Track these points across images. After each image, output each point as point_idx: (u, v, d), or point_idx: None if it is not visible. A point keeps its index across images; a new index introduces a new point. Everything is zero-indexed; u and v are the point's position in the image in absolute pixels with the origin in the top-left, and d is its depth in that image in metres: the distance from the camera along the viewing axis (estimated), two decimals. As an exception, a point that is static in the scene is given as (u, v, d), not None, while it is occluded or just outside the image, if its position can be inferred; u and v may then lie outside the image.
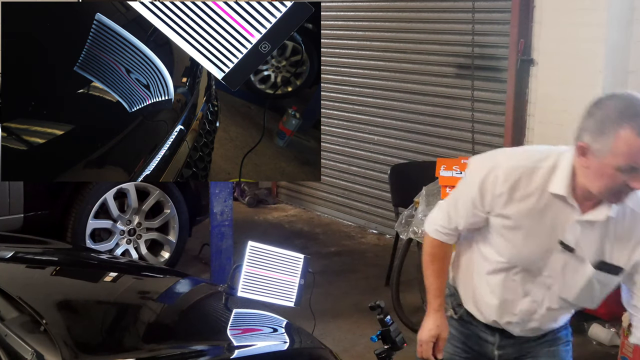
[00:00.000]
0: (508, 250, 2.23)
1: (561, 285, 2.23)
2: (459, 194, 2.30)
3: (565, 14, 4.70)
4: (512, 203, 2.14)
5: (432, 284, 2.41)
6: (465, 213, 2.26)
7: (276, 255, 2.68)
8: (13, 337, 2.16)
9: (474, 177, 2.20)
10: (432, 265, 2.41)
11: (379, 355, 2.60)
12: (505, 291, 2.30)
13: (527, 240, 2.18)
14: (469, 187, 2.23)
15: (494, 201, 2.16)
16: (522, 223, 2.16)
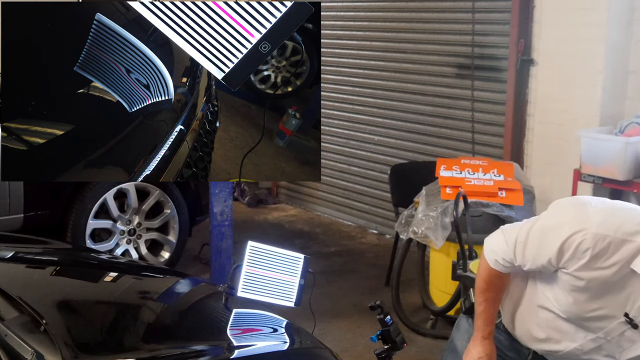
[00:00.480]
0: (569, 305, 2.14)
1: (614, 348, 2.16)
2: (531, 236, 2.17)
3: (565, 14, 4.70)
4: (590, 269, 2.04)
5: (484, 311, 2.34)
6: (534, 260, 2.16)
7: (276, 255, 2.68)
8: (13, 337, 2.16)
9: (558, 230, 2.07)
10: (487, 293, 2.33)
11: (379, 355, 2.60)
12: (553, 331, 2.25)
13: (592, 304, 2.10)
14: (547, 238, 2.11)
15: (571, 262, 2.05)
16: (593, 288, 2.06)
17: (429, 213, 4.26)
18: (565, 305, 2.15)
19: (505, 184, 4.40)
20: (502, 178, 4.46)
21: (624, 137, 4.33)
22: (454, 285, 4.08)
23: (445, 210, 4.22)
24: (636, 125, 4.39)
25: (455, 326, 2.66)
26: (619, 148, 4.26)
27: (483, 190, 4.34)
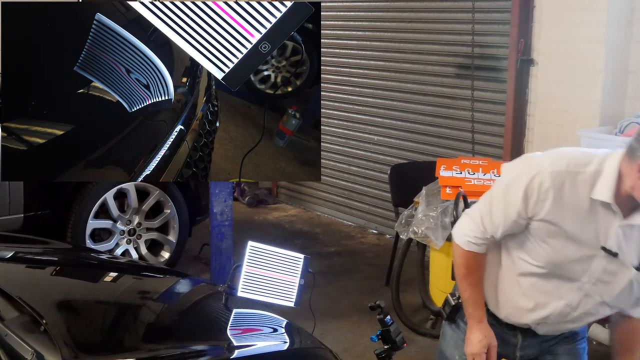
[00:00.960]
0: (548, 256, 2.20)
1: (600, 289, 2.21)
2: (494, 201, 2.24)
3: (565, 14, 4.70)
4: (556, 208, 2.12)
5: (471, 296, 2.36)
6: (504, 220, 2.21)
7: (276, 255, 2.68)
8: (13, 337, 2.16)
9: (516, 182, 2.15)
10: (469, 278, 2.35)
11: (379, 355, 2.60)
12: (539, 294, 2.28)
13: (569, 247, 2.16)
14: (509, 194, 2.18)
15: (537, 206, 2.13)
16: (565, 229, 2.14)
17: (429, 213, 4.26)
18: (545, 256, 2.20)
19: (505, 184, 4.39)
20: (502, 178, 4.46)
21: (624, 137, 4.33)
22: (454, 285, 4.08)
23: (445, 210, 4.22)
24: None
25: (441, 336, 2.62)
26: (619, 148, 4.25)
27: (483, 190, 4.28)
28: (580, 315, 2.29)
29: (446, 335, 2.57)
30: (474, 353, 2.34)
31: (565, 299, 2.26)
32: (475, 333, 2.35)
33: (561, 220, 2.13)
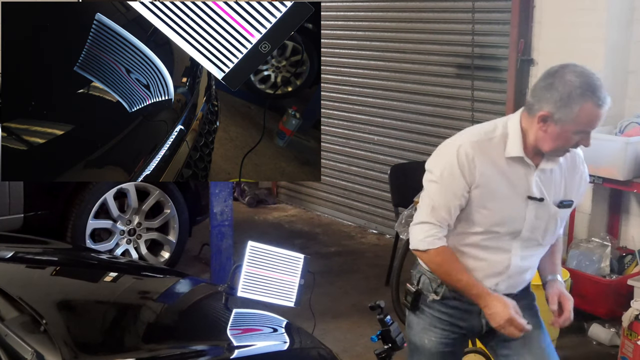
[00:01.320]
0: (489, 219, 2.43)
1: (536, 232, 2.48)
2: (437, 194, 2.44)
3: (565, 14, 4.70)
4: (485, 172, 2.38)
5: (462, 279, 2.46)
6: (452, 201, 2.41)
7: (276, 255, 2.68)
8: (13, 337, 2.16)
9: (449, 165, 2.39)
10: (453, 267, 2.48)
11: (379, 355, 2.60)
12: (490, 254, 2.49)
13: (504, 204, 2.42)
14: (448, 177, 2.40)
15: (472, 174, 2.38)
16: (497, 190, 2.40)
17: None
18: (485, 221, 2.44)
19: (505, 184, 4.39)
20: (502, 178, 4.46)
21: (624, 137, 4.33)
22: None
23: (445, 210, 4.21)
24: (636, 125, 4.39)
25: (407, 328, 2.66)
26: (619, 148, 4.26)
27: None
28: (525, 261, 2.53)
29: (412, 324, 2.63)
30: (508, 318, 2.40)
31: (512, 251, 2.49)
32: (494, 303, 2.43)
33: (492, 182, 2.39)
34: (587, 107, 2.30)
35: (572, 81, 2.30)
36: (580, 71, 2.31)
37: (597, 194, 4.68)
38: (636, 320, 3.81)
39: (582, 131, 2.38)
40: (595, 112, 2.32)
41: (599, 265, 4.41)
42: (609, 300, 4.31)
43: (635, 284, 4.15)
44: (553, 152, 2.41)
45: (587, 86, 2.29)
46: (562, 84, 2.30)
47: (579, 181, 2.56)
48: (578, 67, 2.33)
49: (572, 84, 2.29)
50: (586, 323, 4.42)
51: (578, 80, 2.29)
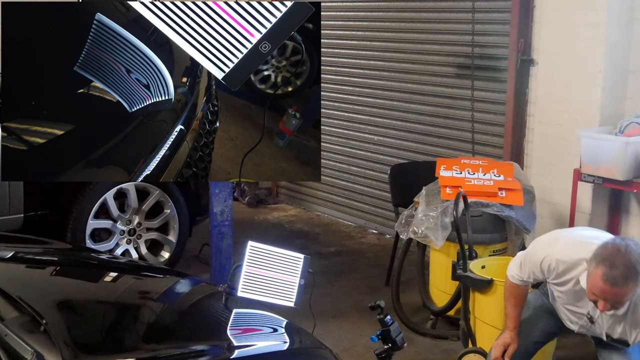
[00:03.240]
0: (559, 301, 3.11)
1: (597, 333, 3.07)
2: (526, 261, 3.10)
3: (565, 14, 4.70)
4: (557, 281, 2.99)
5: (510, 313, 3.21)
6: (528, 276, 3.11)
7: (276, 255, 2.68)
8: (13, 337, 2.16)
9: (537, 257, 3.03)
10: (511, 300, 3.20)
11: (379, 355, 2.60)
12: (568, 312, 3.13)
13: (570, 302, 3.04)
14: (532, 263, 3.05)
15: (547, 276, 3.03)
16: (566, 294, 3.01)
17: (429, 213, 4.25)
18: (558, 301, 3.13)
19: (505, 184, 4.40)
20: (502, 178, 4.46)
21: (624, 137, 4.33)
22: (454, 285, 4.08)
23: (445, 210, 4.22)
24: (636, 125, 4.39)
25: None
26: (619, 148, 4.26)
27: (483, 190, 4.33)
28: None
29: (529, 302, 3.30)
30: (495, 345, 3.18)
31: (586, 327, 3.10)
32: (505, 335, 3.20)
33: (563, 291, 3.00)
34: (595, 270, 2.68)
35: (600, 246, 2.72)
36: (612, 243, 2.72)
37: (597, 194, 4.68)
38: (636, 320, 3.81)
39: (593, 295, 2.73)
40: (597, 281, 2.67)
41: (599, 265, 4.40)
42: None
43: (635, 284, 4.14)
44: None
45: (602, 255, 2.68)
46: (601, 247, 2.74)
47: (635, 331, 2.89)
48: (618, 241, 2.72)
49: (598, 249, 2.72)
50: (586, 323, 4.42)
51: (600, 248, 2.70)
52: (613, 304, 2.71)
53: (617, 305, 2.73)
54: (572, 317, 3.12)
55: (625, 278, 2.62)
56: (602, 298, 2.69)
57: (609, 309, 2.73)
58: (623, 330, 2.91)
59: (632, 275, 2.63)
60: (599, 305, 2.72)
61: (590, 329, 3.07)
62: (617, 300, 2.70)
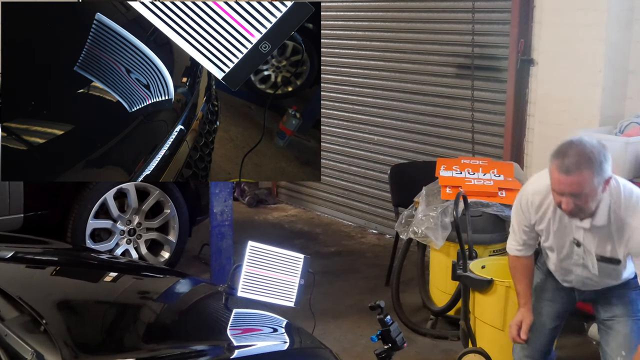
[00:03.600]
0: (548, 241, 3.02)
1: (587, 264, 2.96)
2: (513, 222, 3.12)
3: (565, 14, 4.70)
4: (539, 216, 2.95)
5: (518, 289, 3.16)
6: (520, 231, 3.07)
7: (276, 255, 2.68)
8: (13, 337, 2.16)
9: (516, 205, 3.06)
10: (516, 275, 3.16)
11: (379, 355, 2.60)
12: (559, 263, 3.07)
13: (555, 239, 2.98)
14: (516, 214, 3.07)
15: (530, 216, 2.98)
16: (549, 229, 2.96)
17: (429, 213, 4.26)
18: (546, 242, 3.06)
19: (505, 184, 4.40)
20: (502, 178, 4.46)
21: (624, 137, 4.33)
22: (454, 285, 4.08)
23: (445, 210, 4.22)
24: (636, 125, 4.39)
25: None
26: (619, 148, 4.26)
27: (483, 190, 4.34)
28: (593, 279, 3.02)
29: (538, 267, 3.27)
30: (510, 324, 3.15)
31: (573, 270, 3.03)
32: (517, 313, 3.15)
33: (545, 225, 2.96)
34: (552, 168, 2.70)
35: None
36: (578, 138, 2.73)
37: (597, 194, 4.68)
38: (636, 320, 3.81)
39: (556, 191, 2.73)
40: (555, 174, 2.68)
41: (599, 265, 4.40)
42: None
43: (635, 284, 4.14)
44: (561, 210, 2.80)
45: (557, 149, 2.70)
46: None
47: (625, 242, 2.82)
48: (575, 137, 2.76)
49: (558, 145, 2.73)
50: (586, 323, 4.42)
51: (563, 144, 2.70)
52: (575, 200, 2.67)
53: (580, 200, 2.67)
54: (565, 264, 3.04)
55: (577, 164, 2.61)
56: (561, 192, 2.67)
57: (574, 210, 2.70)
58: (612, 248, 2.85)
59: (584, 162, 2.62)
60: (563, 205, 2.69)
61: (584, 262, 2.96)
62: (577, 193, 2.65)
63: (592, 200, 2.69)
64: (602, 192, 2.72)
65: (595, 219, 2.78)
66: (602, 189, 2.71)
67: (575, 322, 4.39)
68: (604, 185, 2.71)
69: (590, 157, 2.63)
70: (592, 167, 2.63)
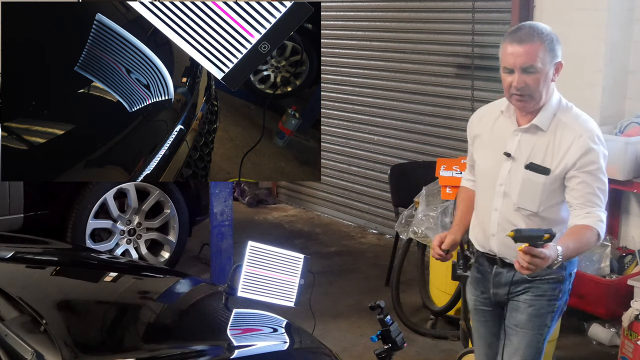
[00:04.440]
0: (478, 168, 2.82)
1: (509, 189, 2.68)
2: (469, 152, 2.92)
3: (565, 14, 4.70)
4: (480, 128, 2.81)
5: (457, 214, 2.97)
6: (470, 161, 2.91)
7: (276, 255, 2.68)
8: (13, 337, 2.16)
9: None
10: (459, 204, 2.97)
11: (379, 355, 2.60)
12: (480, 210, 2.81)
13: (487, 154, 2.77)
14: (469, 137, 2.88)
15: (472, 130, 2.85)
16: (485, 138, 2.78)
17: (429, 213, 4.26)
18: (477, 168, 2.84)
19: (505, 184, 4.39)
20: (502, 178, 4.46)
21: (624, 137, 4.33)
22: (454, 285, 4.08)
23: (445, 210, 4.22)
24: (636, 125, 4.39)
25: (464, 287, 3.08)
26: (619, 148, 4.26)
27: (483, 190, 4.33)
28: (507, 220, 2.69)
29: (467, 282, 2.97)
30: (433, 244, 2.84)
31: (494, 205, 2.72)
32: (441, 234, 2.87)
33: (483, 132, 2.79)
34: (503, 45, 2.60)
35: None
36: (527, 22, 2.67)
37: (597, 194, 4.67)
38: (636, 320, 3.81)
39: (506, 69, 2.60)
40: (506, 47, 2.59)
41: (599, 265, 4.41)
42: (609, 301, 4.31)
43: (635, 284, 4.14)
44: (510, 99, 2.65)
45: (511, 30, 2.64)
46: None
47: (564, 153, 2.61)
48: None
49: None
50: (586, 323, 4.42)
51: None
52: (525, 78, 2.57)
53: (530, 78, 2.58)
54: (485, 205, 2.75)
55: (530, 35, 2.59)
56: (513, 64, 2.56)
57: (524, 88, 2.57)
58: (546, 157, 2.63)
59: (537, 34, 2.60)
60: (514, 82, 2.56)
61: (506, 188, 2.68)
62: (528, 65, 2.57)
63: (542, 81, 2.62)
64: (552, 79, 2.68)
65: (538, 118, 2.64)
66: (553, 75, 2.68)
67: (575, 322, 4.39)
68: (554, 72, 2.68)
69: (542, 31, 2.64)
70: (544, 39, 2.63)
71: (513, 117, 2.70)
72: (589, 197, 2.57)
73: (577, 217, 2.57)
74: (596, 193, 2.58)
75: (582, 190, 2.58)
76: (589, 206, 2.57)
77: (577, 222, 2.56)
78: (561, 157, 2.60)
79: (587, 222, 2.54)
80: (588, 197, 2.57)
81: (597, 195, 2.59)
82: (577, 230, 2.55)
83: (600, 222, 2.56)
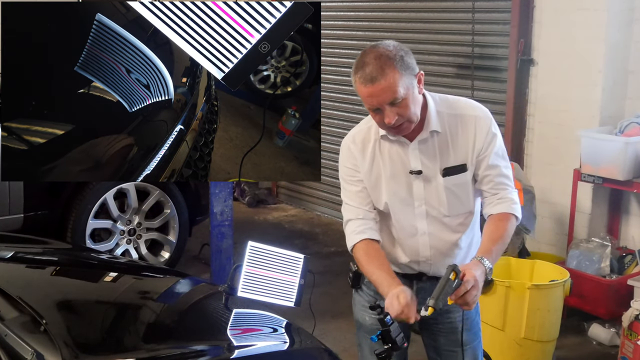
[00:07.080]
0: (382, 199, 2.53)
1: (434, 205, 2.50)
2: (343, 194, 2.59)
3: (565, 14, 4.70)
4: (363, 159, 2.51)
5: (377, 276, 2.62)
6: (355, 193, 2.55)
7: (276, 255, 2.68)
8: (13, 337, 2.16)
9: (340, 166, 2.57)
10: (368, 267, 2.69)
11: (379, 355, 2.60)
12: (403, 235, 2.58)
13: (389, 184, 2.50)
14: (343, 179, 2.57)
15: (357, 163, 2.51)
16: (377, 172, 2.50)
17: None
18: (380, 200, 2.54)
19: (505, 184, 4.39)
20: (502, 178, 4.45)
21: (624, 137, 4.33)
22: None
23: (445, 210, 4.21)
24: (636, 125, 4.39)
25: (352, 305, 2.89)
26: (619, 148, 4.26)
27: (483, 190, 4.32)
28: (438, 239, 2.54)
29: (355, 300, 2.84)
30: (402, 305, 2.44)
31: (419, 228, 2.53)
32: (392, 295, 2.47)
33: (371, 167, 2.50)
34: (357, 85, 2.45)
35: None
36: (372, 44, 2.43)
37: (597, 194, 4.68)
38: (636, 320, 3.81)
39: (372, 109, 2.41)
40: (361, 89, 2.42)
41: (599, 265, 4.41)
42: (609, 300, 4.31)
43: (635, 284, 4.15)
44: (388, 133, 2.44)
45: (356, 62, 2.45)
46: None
47: (467, 141, 2.51)
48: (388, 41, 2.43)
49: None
50: (586, 323, 4.42)
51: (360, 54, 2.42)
52: (396, 110, 2.32)
53: (401, 107, 2.33)
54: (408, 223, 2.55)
55: (379, 68, 2.36)
56: (378, 105, 2.35)
57: (399, 121, 2.33)
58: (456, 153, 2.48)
59: (385, 63, 2.35)
60: (386, 119, 2.33)
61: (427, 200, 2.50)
62: (393, 100, 2.32)
63: (412, 103, 2.35)
64: (419, 92, 2.40)
65: (430, 124, 2.44)
66: (418, 88, 2.39)
67: (575, 322, 4.39)
68: (418, 84, 2.39)
69: (388, 55, 2.37)
70: (394, 65, 2.35)
71: (390, 136, 2.48)
72: (499, 180, 2.51)
73: (490, 205, 2.50)
74: (504, 173, 2.54)
75: (492, 173, 2.51)
76: (501, 189, 2.50)
77: (492, 211, 2.49)
78: (471, 145, 2.51)
79: (502, 208, 2.48)
80: (498, 180, 2.51)
81: (505, 174, 2.54)
82: (494, 227, 2.47)
83: (514, 204, 2.50)
